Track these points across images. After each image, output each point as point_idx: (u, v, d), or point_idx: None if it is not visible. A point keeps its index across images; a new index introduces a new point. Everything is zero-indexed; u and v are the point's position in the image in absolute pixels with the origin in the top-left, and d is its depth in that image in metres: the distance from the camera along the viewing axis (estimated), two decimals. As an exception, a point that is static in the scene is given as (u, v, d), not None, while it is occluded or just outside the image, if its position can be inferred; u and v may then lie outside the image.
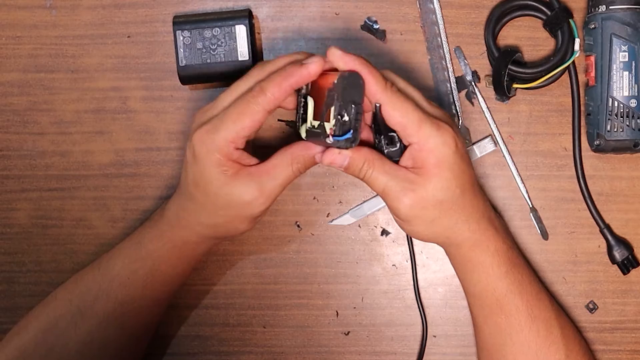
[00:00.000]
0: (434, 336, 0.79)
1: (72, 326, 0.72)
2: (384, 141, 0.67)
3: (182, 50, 0.75)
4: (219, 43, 0.75)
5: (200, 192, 0.67)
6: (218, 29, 0.75)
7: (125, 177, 0.80)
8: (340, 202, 0.79)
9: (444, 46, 0.77)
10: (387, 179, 0.65)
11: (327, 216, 0.79)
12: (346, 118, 0.62)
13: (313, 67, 0.63)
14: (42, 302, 0.75)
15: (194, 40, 0.75)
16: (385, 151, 0.67)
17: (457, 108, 0.77)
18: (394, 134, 0.66)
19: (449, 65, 0.77)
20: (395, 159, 0.67)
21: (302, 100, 0.67)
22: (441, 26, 0.77)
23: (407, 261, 0.79)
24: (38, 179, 0.80)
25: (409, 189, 0.65)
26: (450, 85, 0.77)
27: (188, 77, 0.76)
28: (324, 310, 0.80)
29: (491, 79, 0.76)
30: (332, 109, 0.62)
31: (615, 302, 0.78)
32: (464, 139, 0.75)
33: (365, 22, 0.78)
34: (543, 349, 0.69)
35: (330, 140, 0.62)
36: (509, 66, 0.74)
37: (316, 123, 0.64)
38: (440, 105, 0.76)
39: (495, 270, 0.69)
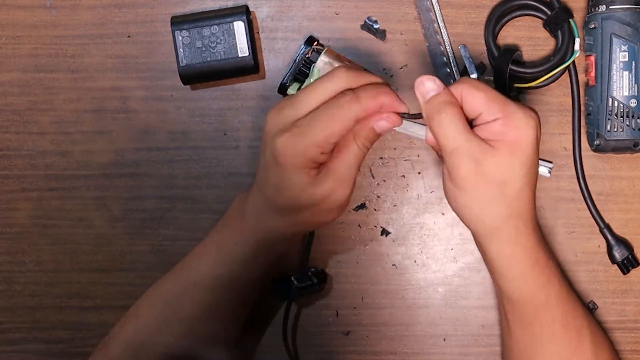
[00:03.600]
0: (434, 336, 0.79)
1: (157, 333, 0.71)
2: None
3: (181, 50, 0.76)
4: (218, 41, 0.75)
5: (282, 197, 0.66)
6: (216, 27, 0.75)
7: (125, 177, 0.80)
8: (340, 202, 0.79)
9: (446, 45, 0.77)
10: (464, 138, 0.62)
11: (327, 216, 0.79)
12: None
13: (404, 107, 0.65)
14: (125, 314, 0.73)
15: (193, 39, 0.75)
16: None
17: None
18: None
19: (453, 67, 0.77)
20: None
21: (305, 63, 0.73)
22: (441, 24, 0.77)
23: (407, 261, 0.79)
24: (38, 179, 0.80)
25: (477, 157, 0.61)
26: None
27: (189, 76, 0.76)
28: (323, 310, 0.80)
29: (492, 78, 0.76)
30: None
31: (615, 302, 0.78)
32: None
33: (365, 21, 0.78)
34: (573, 358, 0.69)
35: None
36: (510, 66, 0.74)
37: None
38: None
39: (536, 279, 0.66)
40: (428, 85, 0.63)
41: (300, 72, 0.75)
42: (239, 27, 0.75)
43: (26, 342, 0.81)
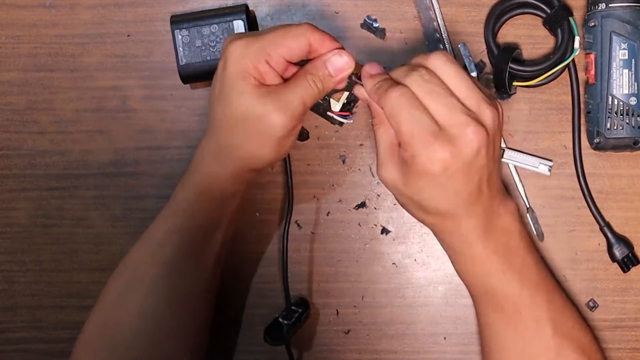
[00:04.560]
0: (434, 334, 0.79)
1: (121, 300, 0.70)
2: None
3: (181, 49, 0.75)
4: (218, 40, 0.75)
5: (220, 105, 0.66)
6: (216, 26, 0.75)
7: (125, 176, 0.80)
8: (340, 200, 0.79)
9: (445, 43, 0.77)
10: (418, 120, 0.61)
11: (328, 215, 0.79)
12: (351, 105, 0.71)
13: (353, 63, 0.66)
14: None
15: (193, 38, 0.75)
16: None
17: None
18: None
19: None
20: None
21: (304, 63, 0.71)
22: (441, 23, 0.77)
23: (407, 259, 0.79)
24: (38, 178, 0.80)
25: (394, 173, 0.65)
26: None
27: (189, 75, 0.76)
28: (324, 308, 0.80)
29: (492, 76, 0.76)
30: (347, 94, 0.70)
31: (615, 300, 0.78)
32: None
33: (364, 20, 0.78)
34: (532, 347, 0.69)
35: (330, 114, 0.71)
36: (509, 64, 0.74)
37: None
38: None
39: (474, 269, 0.68)
40: (369, 69, 0.66)
41: None
42: (239, 26, 0.75)
43: (26, 341, 0.81)
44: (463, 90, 0.63)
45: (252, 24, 0.77)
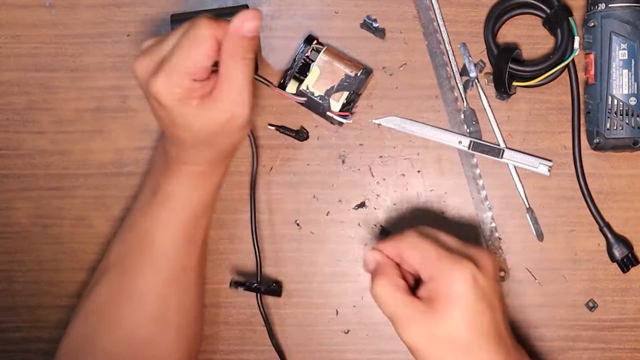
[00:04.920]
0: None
1: (107, 286, 0.73)
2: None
3: None
4: None
5: (180, 130, 0.67)
6: None
7: (125, 176, 0.80)
8: (340, 200, 0.79)
9: (445, 43, 0.77)
10: (396, 306, 0.65)
11: (327, 215, 0.79)
12: (350, 105, 0.75)
13: (246, 20, 0.64)
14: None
15: None
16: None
17: (462, 95, 0.77)
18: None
19: (453, 65, 0.77)
20: None
21: (304, 62, 0.75)
22: (441, 23, 0.77)
23: (406, 260, 0.79)
24: (38, 178, 0.80)
25: (417, 319, 0.64)
26: (455, 79, 0.77)
27: None
28: (323, 308, 0.80)
29: (491, 76, 0.76)
30: (347, 93, 0.75)
31: (615, 301, 0.78)
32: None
33: (364, 20, 0.78)
34: None
35: (330, 114, 0.75)
36: (509, 64, 0.74)
37: (317, 91, 0.75)
38: (444, 100, 0.76)
39: None
40: (368, 259, 0.68)
41: (300, 71, 0.75)
42: None
43: (26, 341, 0.81)
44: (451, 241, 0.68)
45: None
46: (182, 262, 0.73)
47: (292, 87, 0.76)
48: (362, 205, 0.79)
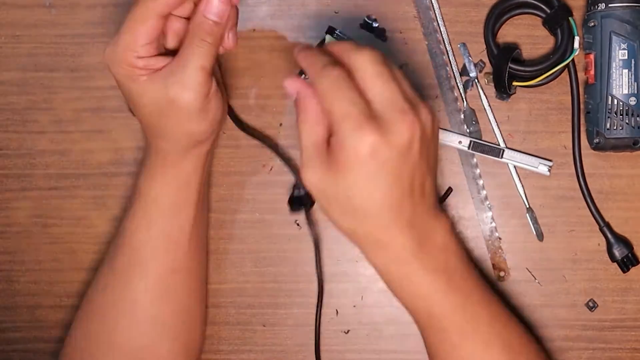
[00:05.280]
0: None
1: (101, 292, 0.72)
2: None
3: None
4: None
5: (135, 109, 0.67)
6: None
7: (125, 176, 0.80)
8: (340, 200, 0.79)
9: (445, 43, 0.77)
10: (307, 145, 0.60)
11: (327, 215, 0.79)
12: None
13: (214, 4, 0.64)
14: None
15: None
16: None
17: (462, 94, 0.77)
18: None
19: (453, 65, 0.77)
20: None
21: None
22: (440, 23, 0.77)
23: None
24: (37, 178, 0.80)
25: (316, 167, 0.59)
26: (455, 79, 0.77)
27: None
28: (323, 308, 0.79)
29: (491, 76, 0.76)
30: None
31: (615, 300, 0.78)
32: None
33: (364, 20, 0.78)
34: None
35: None
36: (509, 64, 0.74)
37: None
38: (444, 100, 0.76)
39: (411, 292, 0.64)
40: (288, 88, 0.60)
41: None
42: None
43: (26, 341, 0.81)
44: (404, 83, 0.60)
45: None
46: (169, 265, 0.72)
47: None
48: (362, 205, 0.79)
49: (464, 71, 0.77)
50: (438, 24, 0.77)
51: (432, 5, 0.77)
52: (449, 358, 0.67)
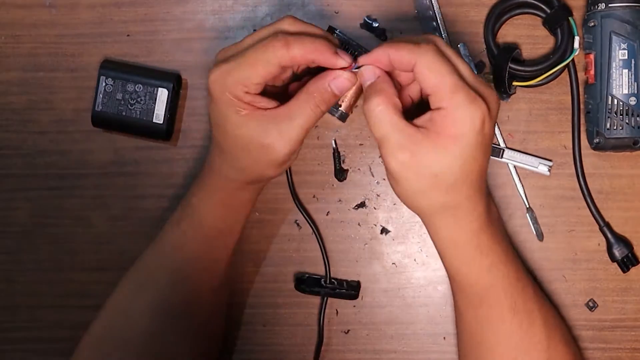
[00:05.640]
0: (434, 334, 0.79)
1: (133, 301, 0.71)
2: None
3: (101, 96, 0.76)
4: (139, 100, 0.76)
5: (220, 134, 0.67)
6: (141, 86, 0.76)
7: (125, 176, 0.80)
8: (340, 200, 0.79)
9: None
10: (390, 129, 0.61)
11: (327, 215, 0.79)
12: None
13: (341, 62, 0.64)
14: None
15: (116, 90, 0.76)
16: None
17: None
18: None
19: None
20: None
21: None
22: (440, 23, 0.77)
23: (407, 259, 0.79)
24: (38, 178, 0.80)
25: (409, 148, 0.60)
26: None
27: (101, 121, 0.77)
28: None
29: (491, 76, 0.76)
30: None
31: (615, 300, 0.78)
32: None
33: (364, 20, 0.78)
34: (525, 341, 0.68)
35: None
36: (509, 64, 0.74)
37: None
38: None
39: (478, 264, 0.66)
40: (365, 75, 0.63)
41: None
42: (162, 93, 0.76)
43: (26, 341, 0.81)
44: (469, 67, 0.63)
45: (178, 92, 0.78)
46: (208, 284, 0.73)
47: None
48: (362, 205, 0.79)
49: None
50: (438, 24, 0.77)
51: (432, 5, 0.77)
52: (495, 331, 0.68)
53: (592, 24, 0.73)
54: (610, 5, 0.72)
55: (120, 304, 0.72)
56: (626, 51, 0.73)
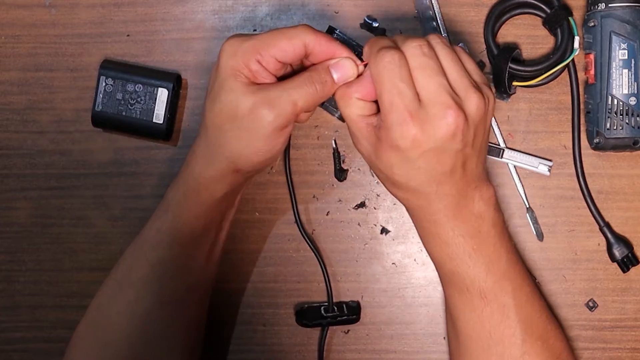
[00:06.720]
0: (433, 335, 0.79)
1: (112, 301, 0.71)
2: None
3: (101, 95, 0.76)
4: (139, 99, 0.76)
5: (211, 102, 0.66)
6: (141, 86, 0.76)
7: (125, 176, 0.80)
8: (340, 200, 0.79)
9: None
10: (401, 93, 0.61)
11: (327, 215, 0.79)
12: None
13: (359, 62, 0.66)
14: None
15: (115, 89, 0.76)
16: None
17: None
18: None
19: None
20: None
21: None
22: (440, 23, 0.77)
23: (407, 259, 0.79)
24: (38, 178, 0.80)
25: (372, 140, 0.64)
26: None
27: (101, 121, 0.77)
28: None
29: (491, 76, 0.76)
30: None
31: (615, 300, 0.78)
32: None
33: (364, 20, 0.78)
34: (497, 331, 0.68)
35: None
36: (509, 64, 0.74)
37: None
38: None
39: (445, 252, 0.68)
40: (347, 67, 0.66)
41: None
42: (162, 94, 0.76)
43: (26, 341, 0.81)
44: (454, 73, 0.63)
45: (177, 93, 0.78)
46: (185, 283, 0.72)
47: None
48: (362, 205, 0.79)
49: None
50: (438, 24, 0.77)
51: (432, 5, 0.77)
52: (467, 319, 0.69)
53: (592, 24, 0.73)
54: (610, 5, 0.72)
55: (101, 304, 0.72)
56: (626, 51, 0.73)
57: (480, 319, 0.68)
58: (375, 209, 0.79)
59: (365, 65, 0.65)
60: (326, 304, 0.78)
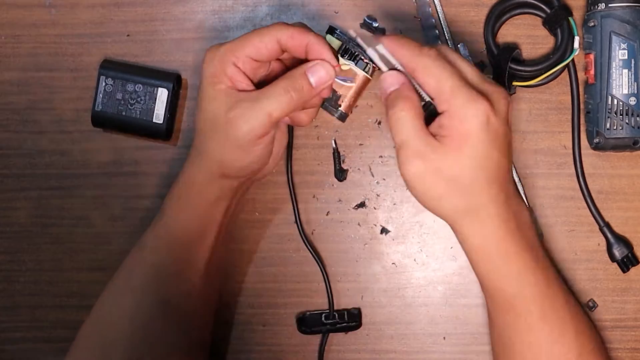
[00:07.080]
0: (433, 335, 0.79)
1: (115, 303, 0.71)
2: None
3: (101, 95, 0.76)
4: (138, 99, 0.76)
5: (200, 108, 0.68)
6: (141, 86, 0.76)
7: (125, 176, 0.80)
8: (340, 200, 0.79)
9: (445, 42, 0.77)
10: (412, 135, 0.62)
11: (327, 215, 0.79)
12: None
13: (333, 61, 0.67)
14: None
15: (115, 89, 0.76)
16: None
17: None
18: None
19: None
20: None
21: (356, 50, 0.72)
22: (444, 23, 0.77)
23: (407, 259, 0.79)
24: (38, 178, 0.80)
25: (423, 154, 0.62)
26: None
27: (101, 121, 0.77)
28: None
29: (491, 77, 0.76)
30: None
31: (614, 300, 0.78)
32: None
33: (364, 20, 0.78)
34: (554, 350, 0.67)
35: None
36: (509, 64, 0.74)
37: None
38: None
39: (504, 270, 0.66)
40: (388, 81, 0.65)
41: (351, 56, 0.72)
42: (162, 94, 0.76)
43: (26, 341, 0.81)
44: (472, 71, 0.65)
45: (177, 93, 0.78)
46: (184, 289, 0.72)
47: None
48: (362, 205, 0.79)
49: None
50: (441, 24, 0.77)
51: (432, 5, 0.77)
52: (524, 338, 0.67)
53: (592, 24, 0.73)
54: (610, 5, 0.72)
55: (104, 306, 0.72)
56: (626, 51, 0.73)
57: (539, 337, 0.67)
58: (375, 209, 0.79)
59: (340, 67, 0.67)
60: (327, 311, 0.78)
